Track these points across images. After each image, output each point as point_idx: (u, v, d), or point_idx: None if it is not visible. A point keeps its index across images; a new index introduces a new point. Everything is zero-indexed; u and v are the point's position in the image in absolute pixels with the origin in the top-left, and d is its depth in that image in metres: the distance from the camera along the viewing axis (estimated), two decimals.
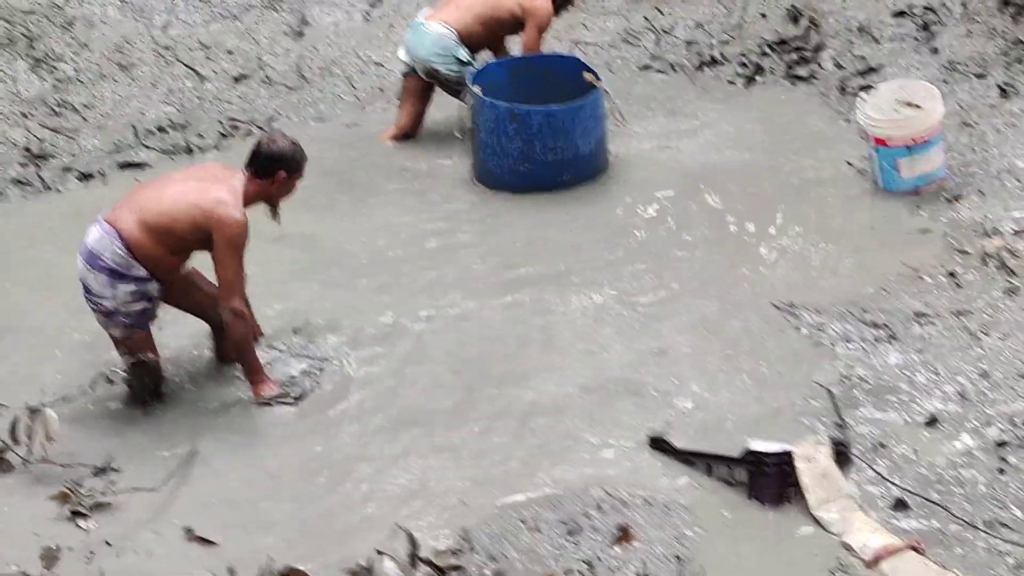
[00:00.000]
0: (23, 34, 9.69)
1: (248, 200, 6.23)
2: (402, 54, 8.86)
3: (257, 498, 5.78)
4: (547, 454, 5.89)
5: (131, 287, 6.18)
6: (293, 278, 7.32)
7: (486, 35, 8.83)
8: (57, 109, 9.41)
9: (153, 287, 6.23)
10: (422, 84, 8.88)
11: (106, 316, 6.26)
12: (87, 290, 6.24)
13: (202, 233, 6.12)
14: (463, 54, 8.66)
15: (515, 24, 8.82)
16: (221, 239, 6.09)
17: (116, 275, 6.15)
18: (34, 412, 5.95)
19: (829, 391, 6.09)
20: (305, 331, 6.82)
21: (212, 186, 6.17)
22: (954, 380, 6.18)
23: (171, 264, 6.26)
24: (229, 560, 5.33)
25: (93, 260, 6.16)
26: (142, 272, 6.16)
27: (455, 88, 8.67)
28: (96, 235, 6.18)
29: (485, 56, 9.01)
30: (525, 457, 5.88)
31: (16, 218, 8.32)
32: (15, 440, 5.92)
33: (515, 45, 9.18)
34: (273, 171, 6.25)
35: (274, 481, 5.88)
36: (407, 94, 8.96)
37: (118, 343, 6.35)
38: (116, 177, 8.76)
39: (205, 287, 6.47)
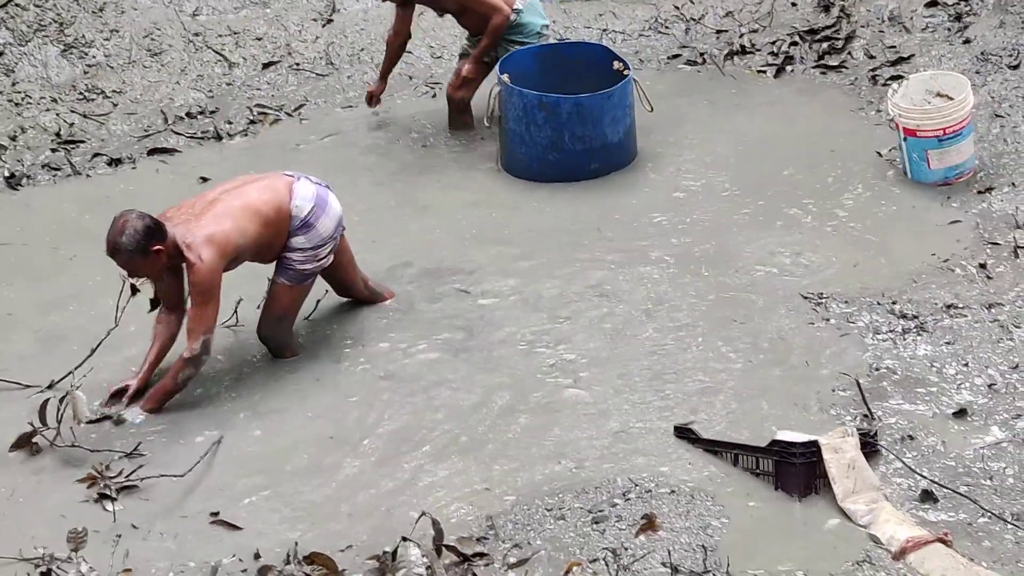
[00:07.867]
0: (54, 19, 9.71)
1: None
2: None
3: (283, 484, 5.80)
4: (572, 442, 5.89)
5: None
6: None
7: None
8: (87, 94, 9.44)
9: None
10: None
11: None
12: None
13: None
14: None
15: None
16: None
17: None
18: (63, 394, 5.99)
19: (857, 382, 6.06)
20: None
21: None
22: (984, 372, 6.14)
23: None
24: (254, 544, 5.36)
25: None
26: None
27: None
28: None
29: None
30: (551, 445, 5.88)
31: (47, 202, 8.39)
32: (44, 423, 5.96)
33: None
34: None
35: (301, 468, 5.90)
36: None
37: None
38: (145, 163, 8.79)
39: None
